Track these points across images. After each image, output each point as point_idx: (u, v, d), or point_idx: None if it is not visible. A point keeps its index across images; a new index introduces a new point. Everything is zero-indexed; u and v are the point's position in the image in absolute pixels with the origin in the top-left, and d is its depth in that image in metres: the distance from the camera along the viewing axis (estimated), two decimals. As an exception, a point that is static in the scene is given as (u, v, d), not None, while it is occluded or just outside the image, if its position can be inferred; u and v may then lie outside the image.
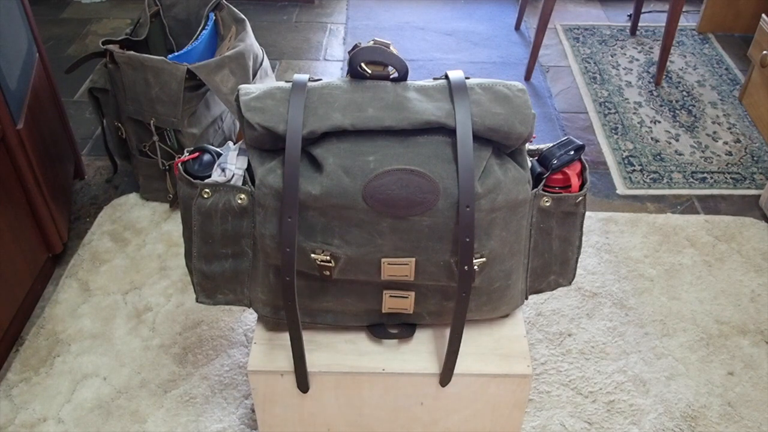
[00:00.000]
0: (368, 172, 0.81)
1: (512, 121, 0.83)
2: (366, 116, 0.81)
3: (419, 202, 0.81)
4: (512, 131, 0.83)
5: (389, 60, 0.84)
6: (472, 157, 0.81)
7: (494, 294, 0.93)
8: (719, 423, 1.27)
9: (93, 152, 1.90)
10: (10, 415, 1.26)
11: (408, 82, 0.86)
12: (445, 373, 0.96)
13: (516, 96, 0.85)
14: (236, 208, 0.88)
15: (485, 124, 0.82)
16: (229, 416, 1.26)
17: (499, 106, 0.83)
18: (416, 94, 0.84)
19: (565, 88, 2.25)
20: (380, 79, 0.86)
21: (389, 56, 0.84)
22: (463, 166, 0.80)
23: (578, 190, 0.93)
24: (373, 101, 0.83)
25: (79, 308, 1.45)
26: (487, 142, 0.85)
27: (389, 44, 0.85)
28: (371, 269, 0.87)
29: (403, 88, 0.85)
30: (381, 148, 0.82)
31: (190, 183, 0.88)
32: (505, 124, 0.83)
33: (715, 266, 1.59)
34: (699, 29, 2.53)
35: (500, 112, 0.83)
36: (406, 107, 0.82)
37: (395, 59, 0.84)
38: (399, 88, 0.84)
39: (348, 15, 2.64)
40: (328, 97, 0.83)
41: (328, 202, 0.82)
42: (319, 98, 0.83)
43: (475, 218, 0.82)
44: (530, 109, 0.85)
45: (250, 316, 1.43)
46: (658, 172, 1.89)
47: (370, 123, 0.81)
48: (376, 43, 0.85)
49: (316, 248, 0.85)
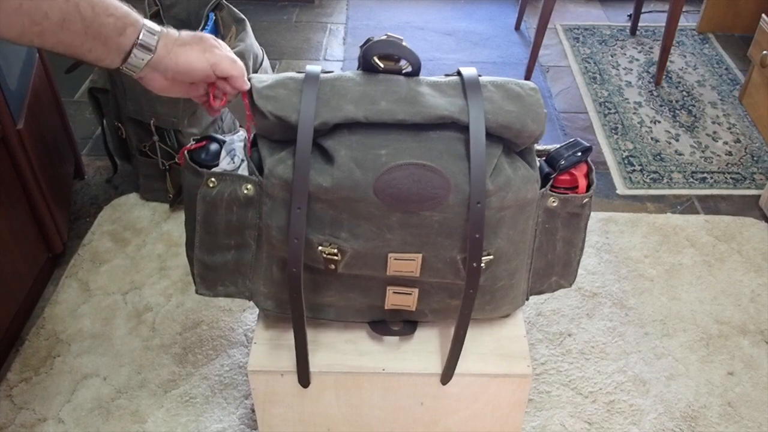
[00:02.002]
0: (380, 166, 0.81)
1: (525, 119, 0.83)
2: (379, 109, 0.81)
3: (430, 198, 0.81)
4: (524, 129, 0.83)
5: (404, 54, 0.84)
6: (485, 153, 0.81)
7: (497, 293, 0.93)
8: (719, 423, 1.27)
9: (93, 152, 1.90)
10: (10, 415, 1.26)
11: (420, 77, 0.86)
12: (446, 371, 0.96)
13: (528, 95, 0.85)
14: (242, 198, 0.87)
15: (498, 121, 0.82)
16: (229, 416, 1.26)
17: (511, 104, 0.84)
18: (429, 89, 0.84)
19: (565, 88, 2.25)
20: (393, 73, 0.86)
21: (404, 50, 0.84)
22: (476, 163, 0.80)
23: (585, 192, 0.93)
24: (386, 94, 0.83)
25: (79, 308, 1.45)
26: (498, 140, 0.85)
27: (402, 39, 0.85)
28: (377, 264, 0.87)
29: (416, 83, 0.84)
30: (393, 142, 0.82)
31: (195, 172, 0.87)
32: (517, 121, 0.83)
33: (715, 266, 1.59)
34: (699, 29, 2.53)
35: (513, 110, 0.83)
36: (419, 101, 0.82)
37: (409, 53, 0.84)
38: (412, 83, 0.84)
39: (348, 15, 2.64)
40: (341, 89, 0.83)
41: (339, 194, 0.82)
42: (331, 89, 0.83)
43: (485, 215, 0.82)
44: (542, 108, 0.85)
45: (250, 316, 1.43)
46: (658, 172, 1.89)
47: (383, 116, 0.81)
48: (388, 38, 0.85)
49: (323, 241, 0.85)
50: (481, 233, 0.82)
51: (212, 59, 0.80)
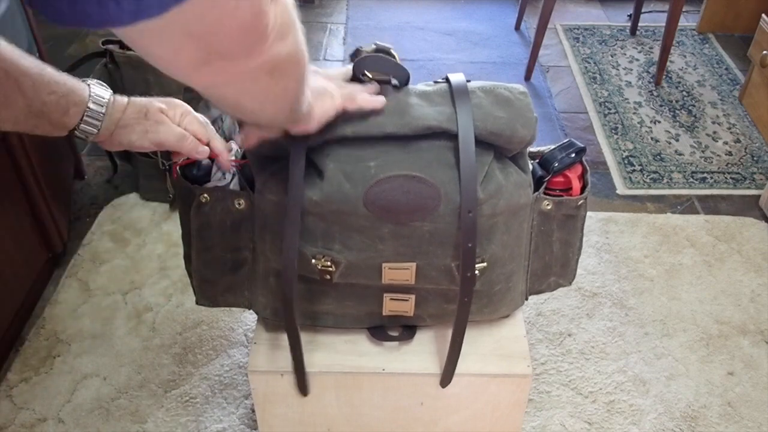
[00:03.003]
0: (369, 178, 0.80)
1: (514, 125, 0.83)
2: (367, 123, 0.81)
3: (420, 208, 0.81)
4: (514, 135, 0.83)
5: (391, 70, 0.84)
6: (475, 162, 0.80)
7: (495, 296, 0.93)
8: (719, 423, 1.27)
9: (93, 152, 1.90)
10: (10, 415, 1.26)
11: (409, 86, 0.86)
12: (445, 375, 0.96)
13: (518, 99, 0.85)
14: (235, 213, 0.88)
15: (487, 128, 0.82)
16: (229, 416, 1.26)
17: (501, 110, 0.83)
18: (417, 98, 0.84)
19: (565, 88, 2.25)
20: (382, 83, 0.85)
21: (392, 66, 0.83)
22: (465, 172, 0.80)
23: (579, 193, 0.93)
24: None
25: (79, 308, 1.45)
26: (489, 147, 0.84)
27: (390, 48, 0.85)
28: (372, 273, 0.87)
29: (404, 94, 0.84)
30: (382, 154, 0.81)
31: (187, 188, 0.88)
32: (507, 128, 0.82)
33: (715, 266, 1.59)
34: (699, 29, 2.53)
35: (502, 116, 0.82)
36: (407, 112, 0.82)
37: (397, 69, 0.83)
38: (401, 94, 0.84)
39: (348, 15, 2.64)
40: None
41: (329, 207, 0.82)
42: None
43: (477, 223, 0.82)
44: (532, 113, 0.84)
45: (250, 316, 1.43)
46: (658, 172, 1.89)
47: (372, 129, 0.81)
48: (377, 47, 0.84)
49: (316, 253, 0.85)
50: (474, 242, 0.81)
51: (156, 139, 0.78)
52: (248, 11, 0.44)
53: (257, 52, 0.49)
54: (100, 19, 0.36)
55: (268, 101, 0.60)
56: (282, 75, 0.56)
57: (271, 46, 0.49)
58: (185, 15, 0.39)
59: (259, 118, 0.69)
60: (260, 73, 0.53)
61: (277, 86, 0.57)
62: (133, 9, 0.36)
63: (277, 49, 0.51)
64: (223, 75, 0.50)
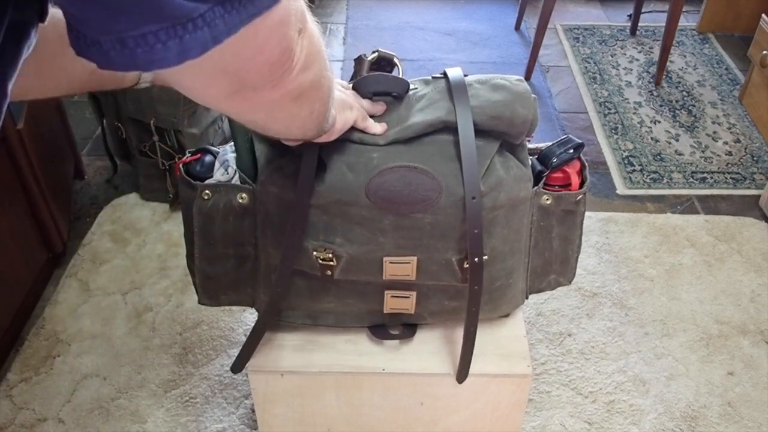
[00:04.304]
0: (372, 169, 0.81)
1: (513, 106, 0.83)
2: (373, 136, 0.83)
3: (421, 200, 0.82)
4: (515, 115, 0.83)
5: (391, 87, 0.85)
6: (475, 150, 0.81)
7: (495, 293, 0.93)
8: (719, 423, 1.27)
9: (93, 152, 1.90)
10: (10, 415, 1.26)
11: (409, 93, 0.87)
12: (461, 370, 0.95)
13: (514, 84, 0.86)
14: (237, 208, 0.88)
15: (486, 113, 0.83)
16: (229, 416, 1.26)
17: (497, 94, 0.84)
18: (417, 105, 0.85)
19: (565, 88, 2.25)
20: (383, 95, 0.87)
21: (391, 84, 0.84)
22: (467, 160, 0.81)
23: (578, 189, 0.93)
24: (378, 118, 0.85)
25: (79, 308, 1.45)
26: (494, 139, 0.85)
27: (393, 56, 0.86)
28: (373, 268, 0.87)
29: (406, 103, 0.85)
30: (385, 146, 0.83)
31: (189, 185, 0.88)
32: (506, 108, 0.83)
33: (715, 266, 1.59)
34: (699, 29, 2.53)
35: (499, 99, 0.83)
36: (409, 119, 0.83)
37: (397, 85, 0.84)
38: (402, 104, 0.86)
39: (348, 15, 2.64)
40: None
41: (331, 198, 0.82)
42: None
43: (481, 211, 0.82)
44: (530, 93, 0.85)
45: (251, 316, 1.43)
46: (658, 172, 1.89)
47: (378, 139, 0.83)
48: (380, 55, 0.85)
49: (318, 246, 0.85)
50: (480, 228, 0.82)
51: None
52: (277, 48, 0.46)
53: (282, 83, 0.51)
54: (149, 60, 0.37)
55: (295, 125, 0.63)
56: (307, 100, 0.58)
57: (296, 77, 0.51)
58: (222, 54, 0.40)
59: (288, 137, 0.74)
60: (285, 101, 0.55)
61: (302, 111, 0.60)
62: (178, 50, 0.37)
63: (301, 78, 0.52)
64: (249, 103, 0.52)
